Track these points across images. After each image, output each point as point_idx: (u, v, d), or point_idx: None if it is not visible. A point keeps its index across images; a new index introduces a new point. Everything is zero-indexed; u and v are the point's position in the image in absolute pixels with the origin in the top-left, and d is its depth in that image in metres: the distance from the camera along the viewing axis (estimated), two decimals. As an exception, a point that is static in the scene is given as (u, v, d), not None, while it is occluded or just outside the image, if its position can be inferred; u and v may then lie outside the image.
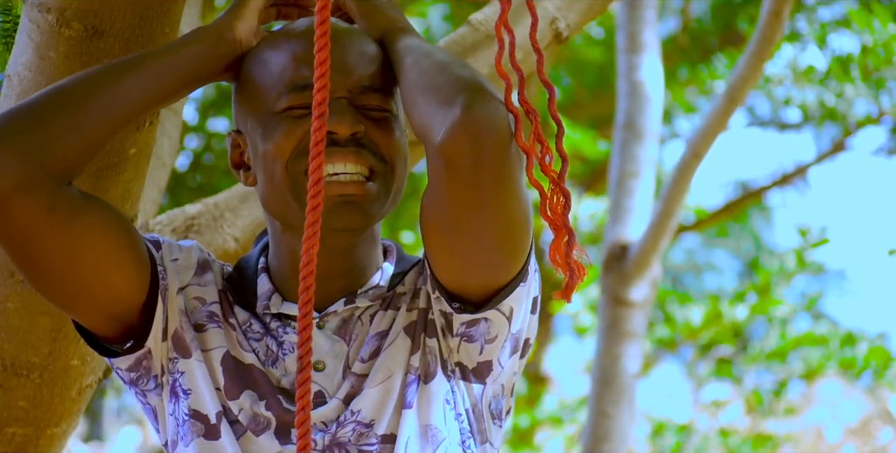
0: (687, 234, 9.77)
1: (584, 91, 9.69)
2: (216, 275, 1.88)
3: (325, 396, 1.80)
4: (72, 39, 1.96)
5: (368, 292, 1.84)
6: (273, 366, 1.81)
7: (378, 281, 1.85)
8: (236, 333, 1.83)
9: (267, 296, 1.85)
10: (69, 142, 1.71)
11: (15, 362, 2.23)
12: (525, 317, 1.84)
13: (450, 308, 1.79)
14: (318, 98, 1.54)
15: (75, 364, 2.26)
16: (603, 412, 4.98)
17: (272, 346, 1.83)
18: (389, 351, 1.81)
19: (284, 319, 1.84)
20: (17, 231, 1.70)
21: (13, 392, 2.25)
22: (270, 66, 1.80)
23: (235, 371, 1.81)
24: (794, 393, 8.76)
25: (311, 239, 1.53)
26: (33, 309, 2.18)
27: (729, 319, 7.30)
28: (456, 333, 1.80)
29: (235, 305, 1.86)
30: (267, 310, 1.84)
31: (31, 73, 2.01)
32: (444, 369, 1.81)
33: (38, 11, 1.97)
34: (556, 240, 1.73)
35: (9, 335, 2.21)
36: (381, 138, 1.79)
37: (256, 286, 1.86)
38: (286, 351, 1.82)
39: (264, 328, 1.84)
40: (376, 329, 1.83)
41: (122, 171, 2.09)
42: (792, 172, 9.45)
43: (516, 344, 1.84)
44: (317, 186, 1.53)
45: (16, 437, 2.28)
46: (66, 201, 1.71)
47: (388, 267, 1.88)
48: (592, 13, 2.70)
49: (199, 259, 1.88)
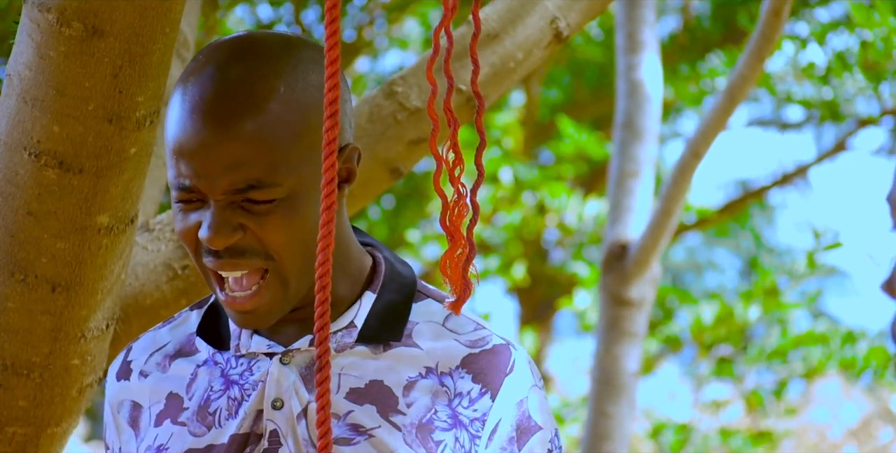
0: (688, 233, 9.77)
1: (583, 91, 9.70)
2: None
3: (278, 436, 1.69)
4: (72, 39, 1.96)
5: (336, 335, 1.70)
6: (233, 418, 1.71)
7: (351, 319, 1.71)
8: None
9: (237, 334, 1.74)
10: None
11: (15, 362, 2.23)
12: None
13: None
14: (328, 138, 1.34)
15: (75, 363, 2.26)
16: (603, 411, 4.98)
17: (234, 395, 1.73)
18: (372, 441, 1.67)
19: (254, 356, 1.73)
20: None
21: (13, 391, 2.25)
22: (167, 135, 1.66)
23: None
24: (795, 392, 8.76)
25: (323, 264, 1.35)
26: (33, 309, 2.19)
27: (740, 319, 7.30)
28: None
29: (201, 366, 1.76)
30: (238, 352, 1.73)
31: (31, 72, 2.01)
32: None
33: (39, 11, 1.97)
34: (450, 251, 1.59)
35: (9, 335, 2.21)
36: (267, 234, 1.63)
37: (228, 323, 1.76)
38: (249, 392, 1.71)
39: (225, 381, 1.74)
40: (353, 385, 1.70)
41: (122, 171, 2.09)
42: (792, 172, 9.46)
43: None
44: (328, 199, 1.34)
45: (16, 437, 2.28)
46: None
47: (369, 297, 1.72)
48: (592, 13, 2.70)
49: (113, 413, 1.80)
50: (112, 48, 1.96)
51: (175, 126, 1.65)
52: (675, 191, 4.80)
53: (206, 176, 1.62)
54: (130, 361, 1.81)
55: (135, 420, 1.77)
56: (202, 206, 1.64)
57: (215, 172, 1.61)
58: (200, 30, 6.10)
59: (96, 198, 2.10)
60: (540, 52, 2.64)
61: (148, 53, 1.99)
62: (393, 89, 2.59)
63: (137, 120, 2.04)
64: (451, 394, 1.68)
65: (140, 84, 2.01)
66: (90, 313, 2.22)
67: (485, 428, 1.67)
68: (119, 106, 2.01)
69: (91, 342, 2.25)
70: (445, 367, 1.69)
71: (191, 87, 1.65)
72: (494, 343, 1.71)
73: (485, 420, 1.67)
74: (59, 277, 2.16)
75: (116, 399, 1.80)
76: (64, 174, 2.07)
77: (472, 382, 1.69)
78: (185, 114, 1.64)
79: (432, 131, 1.56)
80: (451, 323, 1.73)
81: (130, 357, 1.81)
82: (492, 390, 1.68)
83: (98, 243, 2.15)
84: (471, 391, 1.68)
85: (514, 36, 2.61)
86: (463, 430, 1.67)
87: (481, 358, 1.69)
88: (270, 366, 1.71)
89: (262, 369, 1.71)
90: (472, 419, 1.68)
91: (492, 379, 1.68)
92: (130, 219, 2.18)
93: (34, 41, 1.99)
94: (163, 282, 2.54)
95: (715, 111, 4.61)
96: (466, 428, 1.67)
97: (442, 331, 1.72)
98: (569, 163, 8.62)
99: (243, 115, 1.62)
